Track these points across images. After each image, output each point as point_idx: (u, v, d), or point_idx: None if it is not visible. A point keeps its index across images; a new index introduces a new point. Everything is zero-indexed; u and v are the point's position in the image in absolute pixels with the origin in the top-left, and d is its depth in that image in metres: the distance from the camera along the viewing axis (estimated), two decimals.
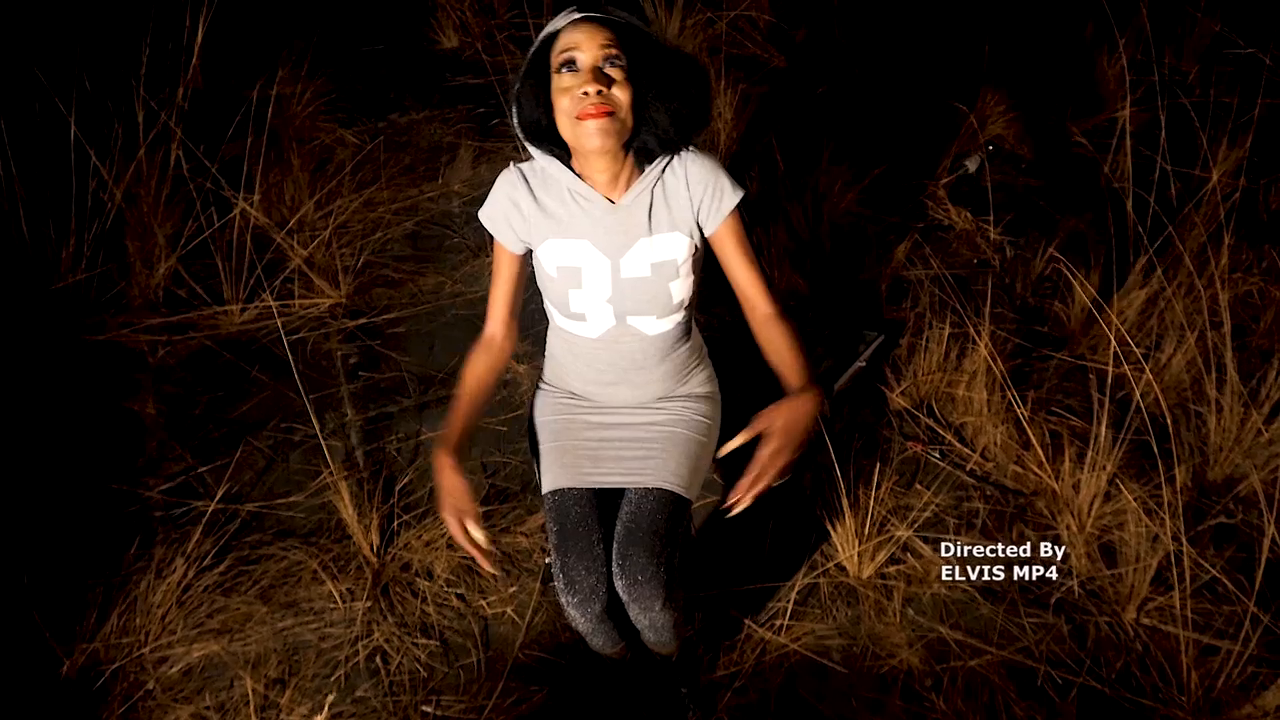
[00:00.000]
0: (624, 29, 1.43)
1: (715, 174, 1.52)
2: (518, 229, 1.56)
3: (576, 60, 1.40)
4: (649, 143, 1.48)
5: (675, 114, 1.45)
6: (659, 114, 1.45)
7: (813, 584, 2.09)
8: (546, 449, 1.69)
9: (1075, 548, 2.14)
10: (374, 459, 2.37)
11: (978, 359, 2.40)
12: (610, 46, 1.40)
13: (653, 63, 1.43)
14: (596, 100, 1.38)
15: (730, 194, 1.53)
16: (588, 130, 1.39)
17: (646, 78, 1.43)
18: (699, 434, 1.70)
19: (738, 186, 1.54)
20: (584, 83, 1.38)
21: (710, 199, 1.52)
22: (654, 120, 1.45)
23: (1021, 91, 3.45)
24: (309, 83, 3.45)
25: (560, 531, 1.56)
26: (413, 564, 2.11)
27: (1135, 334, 2.60)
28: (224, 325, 2.71)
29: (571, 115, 1.40)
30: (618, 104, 1.40)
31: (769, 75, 3.66)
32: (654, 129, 1.46)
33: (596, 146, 1.40)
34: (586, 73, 1.39)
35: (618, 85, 1.40)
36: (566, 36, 1.42)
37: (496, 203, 1.56)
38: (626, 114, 1.41)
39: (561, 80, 1.41)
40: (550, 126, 1.47)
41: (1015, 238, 3.00)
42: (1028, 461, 2.30)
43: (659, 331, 1.61)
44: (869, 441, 2.39)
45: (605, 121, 1.38)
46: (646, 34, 1.45)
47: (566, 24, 1.43)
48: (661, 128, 1.46)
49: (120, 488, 2.27)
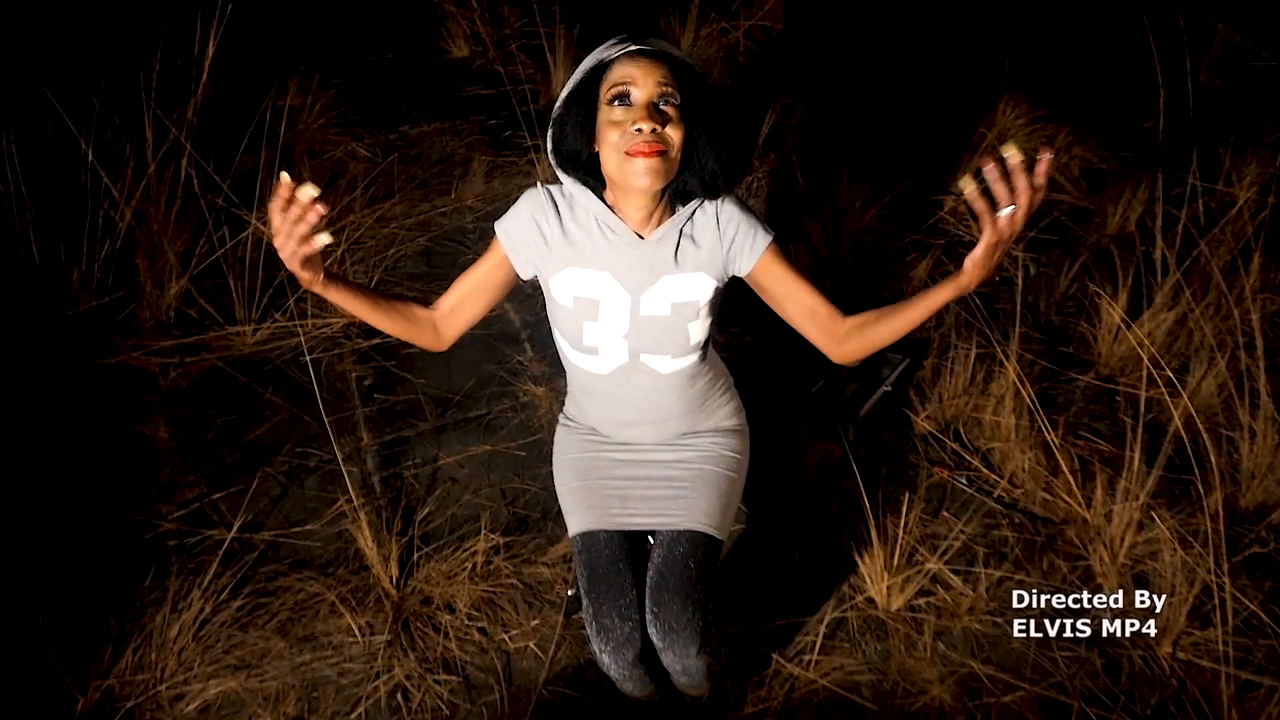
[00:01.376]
0: (679, 67, 1.38)
1: (746, 215, 1.48)
2: (534, 254, 1.50)
3: (631, 94, 1.35)
4: (690, 185, 1.43)
5: (724, 160, 1.41)
6: (707, 158, 1.40)
7: (841, 617, 2.05)
8: (573, 488, 1.65)
9: (1108, 579, 2.10)
10: (391, 486, 2.33)
11: (1005, 383, 2.36)
12: (666, 84, 1.35)
13: (705, 105, 1.38)
14: (650, 138, 1.33)
15: (763, 233, 1.48)
16: (636, 169, 1.34)
17: (700, 118, 1.38)
18: (729, 470, 1.66)
19: (769, 228, 1.50)
20: (638, 119, 1.33)
21: (743, 238, 1.47)
22: (700, 164, 1.41)
23: (1042, 103, 3.40)
24: (320, 94, 3.42)
25: (591, 577, 1.52)
26: (434, 597, 2.07)
27: (1164, 355, 2.56)
28: (236, 346, 2.66)
29: (620, 150, 1.35)
30: (670, 143, 1.35)
31: (785, 87, 3.61)
32: (699, 172, 1.42)
33: (644, 186, 1.35)
34: (641, 108, 1.34)
35: (672, 124, 1.35)
36: (621, 68, 1.36)
37: (518, 220, 1.49)
38: (677, 154, 1.36)
39: (613, 113, 1.36)
40: (591, 157, 1.43)
41: (1038, 255, 2.95)
42: (1057, 489, 2.26)
43: (672, 370, 1.57)
44: (895, 467, 2.35)
45: (656, 161, 1.33)
46: (701, 75, 1.40)
47: (621, 54, 1.38)
48: (708, 172, 1.41)
49: (134, 517, 2.23)
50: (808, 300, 1.50)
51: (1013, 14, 3.93)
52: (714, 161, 1.40)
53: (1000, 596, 2.09)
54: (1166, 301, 2.54)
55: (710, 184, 1.43)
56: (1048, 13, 4.03)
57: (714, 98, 1.40)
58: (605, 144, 1.37)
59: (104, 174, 2.66)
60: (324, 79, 3.48)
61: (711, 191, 1.44)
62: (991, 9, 3.99)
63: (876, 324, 1.44)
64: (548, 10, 3.68)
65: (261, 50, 3.61)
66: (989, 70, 3.53)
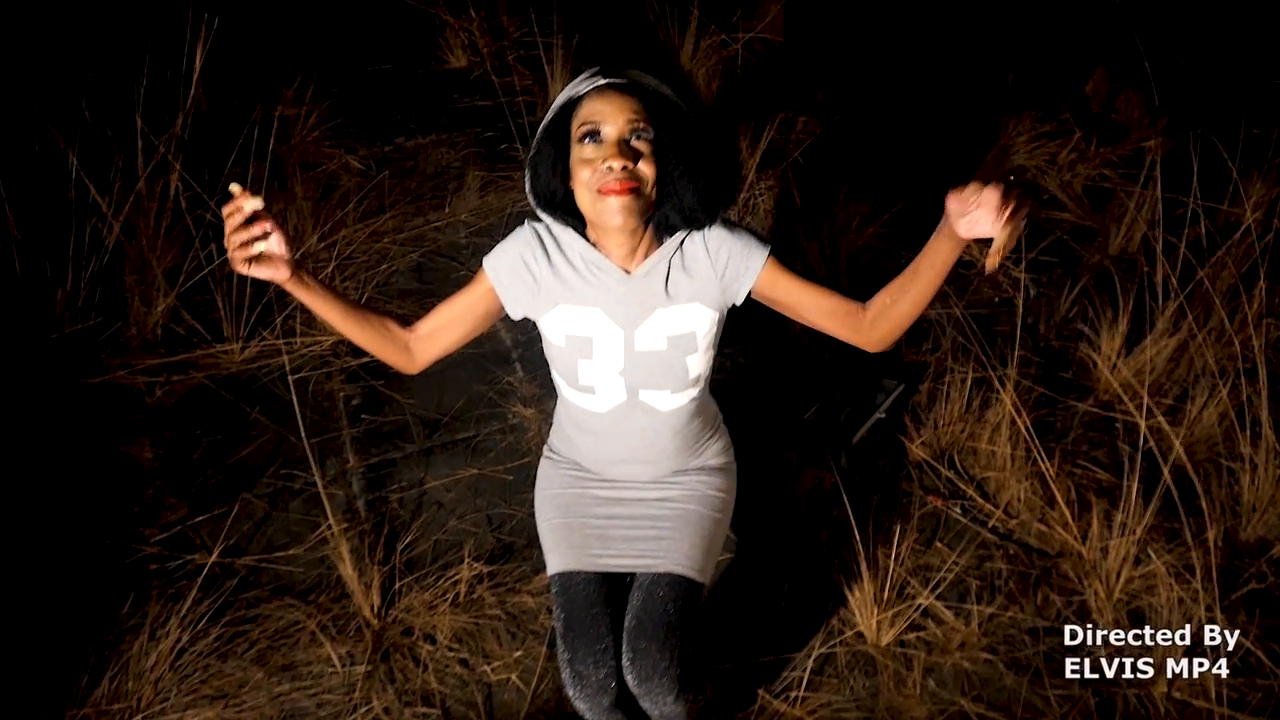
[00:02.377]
0: (652, 98, 1.34)
1: (736, 236, 1.44)
2: (523, 292, 1.47)
3: (601, 131, 1.32)
4: (671, 218, 1.40)
5: (702, 191, 1.37)
6: (685, 190, 1.36)
7: (829, 652, 2.01)
8: (554, 525, 1.62)
9: (1103, 615, 2.05)
10: (375, 510, 2.30)
11: (1001, 411, 2.32)
12: (637, 119, 1.31)
13: (681, 135, 1.35)
14: (621, 175, 1.29)
15: (757, 249, 1.43)
16: (609, 207, 1.31)
17: (674, 150, 1.35)
18: (714, 510, 1.62)
19: (763, 241, 1.45)
20: (608, 156, 1.30)
21: (738, 262, 1.43)
22: (679, 195, 1.37)
23: (1046, 119, 3.36)
24: (314, 105, 3.39)
25: (567, 621, 1.48)
26: (415, 628, 2.04)
27: (1165, 382, 2.51)
28: (224, 364, 2.64)
29: (592, 189, 1.32)
30: (643, 179, 1.32)
31: (785, 100, 3.57)
32: (678, 204, 1.38)
33: (618, 224, 1.32)
34: (611, 146, 1.31)
35: (644, 160, 1.32)
36: (590, 105, 1.33)
37: (506, 259, 1.46)
38: (651, 190, 1.33)
39: (583, 151, 1.33)
40: (568, 195, 1.39)
41: (1039, 275, 2.91)
42: (1052, 520, 2.21)
43: (672, 407, 1.53)
44: (887, 495, 2.31)
45: (628, 199, 1.30)
46: (676, 104, 1.37)
47: (590, 89, 1.35)
48: (687, 204, 1.38)
49: (115, 541, 2.20)
50: (822, 302, 1.45)
51: (1017, 29, 3.88)
52: (692, 194, 1.37)
53: (993, 632, 2.05)
54: (1168, 327, 2.50)
55: (690, 216, 1.39)
56: (1052, 28, 3.98)
57: (690, 128, 1.36)
58: (578, 182, 1.34)
59: (92, 188, 2.64)
60: (321, 88, 3.45)
61: (693, 223, 1.40)
62: (996, 24, 3.94)
63: (896, 304, 1.39)
64: (546, 20, 3.64)
65: (258, 58, 3.59)
66: (992, 86, 3.48)
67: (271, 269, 1.30)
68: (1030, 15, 4.04)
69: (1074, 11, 4.05)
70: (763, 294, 1.47)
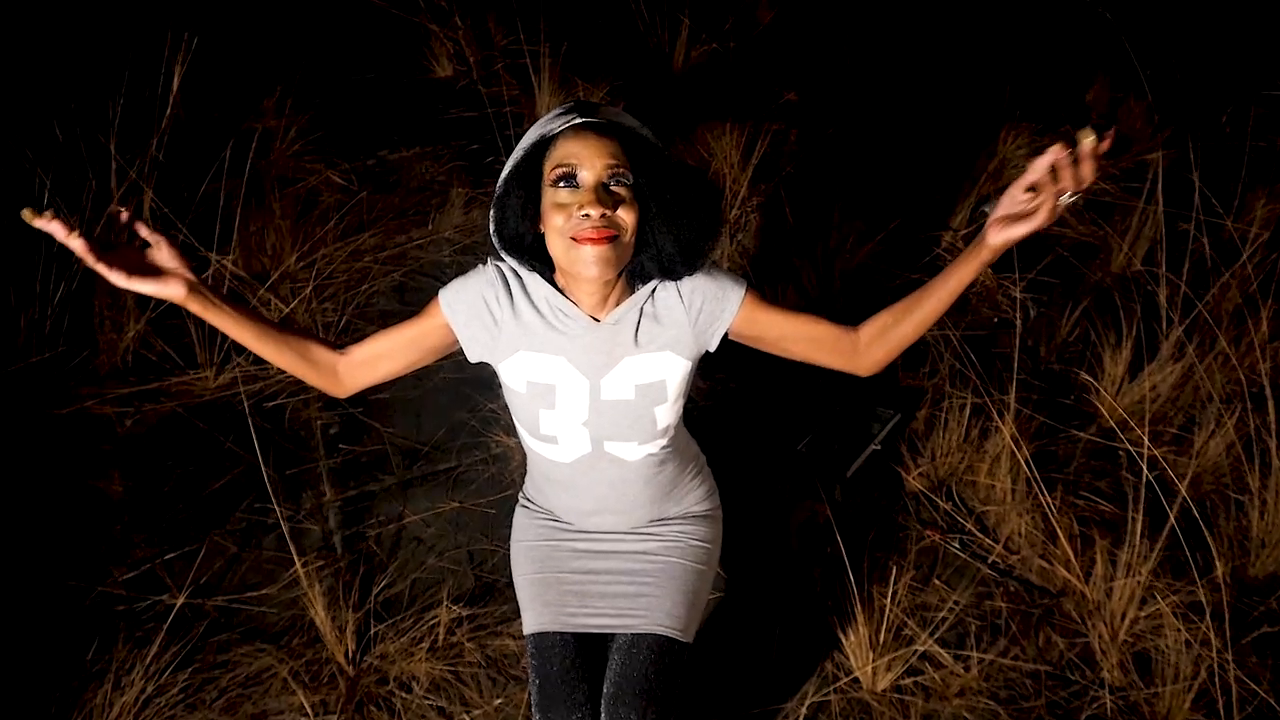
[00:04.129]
0: (631, 140, 1.25)
1: (710, 278, 1.35)
2: (480, 334, 1.37)
3: (578, 175, 1.22)
4: (647, 267, 1.31)
5: (683, 242, 1.27)
6: (664, 239, 1.27)
7: (823, 700, 1.92)
8: (530, 579, 1.53)
9: (1108, 658, 1.97)
10: (352, 547, 2.21)
11: (1000, 441, 2.24)
12: (617, 163, 1.22)
13: (661, 180, 1.25)
14: (599, 223, 1.20)
15: (733, 289, 1.35)
16: (584, 256, 1.21)
17: (654, 197, 1.25)
18: (697, 562, 1.54)
19: (738, 279, 1.36)
20: (586, 203, 1.20)
21: (712, 306, 1.35)
22: (657, 245, 1.28)
23: (1044, 132, 3.27)
24: (294, 117, 3.29)
25: (541, 687, 1.40)
26: (390, 675, 1.95)
27: (1169, 409, 2.43)
28: (197, 390, 2.55)
29: (566, 236, 1.22)
30: (622, 227, 1.22)
31: (778, 111, 3.48)
32: (656, 254, 1.29)
33: (594, 275, 1.22)
34: (589, 191, 1.21)
35: (624, 206, 1.22)
36: (565, 146, 1.23)
37: (465, 296, 1.36)
38: (630, 238, 1.24)
39: (557, 195, 1.23)
40: (536, 241, 1.31)
41: (1039, 295, 2.82)
42: (1054, 556, 2.13)
43: (639, 458, 1.44)
44: (883, 529, 2.22)
45: (606, 249, 1.20)
46: (656, 147, 1.28)
47: (564, 129, 1.25)
48: (666, 255, 1.28)
49: (80, 582, 2.11)
50: (806, 331, 1.38)
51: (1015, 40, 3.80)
52: (672, 244, 1.28)
53: (994, 676, 1.97)
54: (1172, 351, 2.42)
55: (668, 267, 1.30)
56: (1050, 38, 3.89)
57: (672, 173, 1.27)
58: (550, 228, 1.24)
59: (62, 208, 2.54)
60: (303, 100, 3.36)
61: (670, 274, 1.32)
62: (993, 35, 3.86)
63: (898, 325, 1.33)
64: (534, 29, 3.55)
65: (238, 70, 3.50)
66: (990, 97, 3.40)
67: (158, 284, 1.19)
68: (1028, 26, 3.96)
69: (1072, 22, 3.96)
70: (741, 334, 1.39)
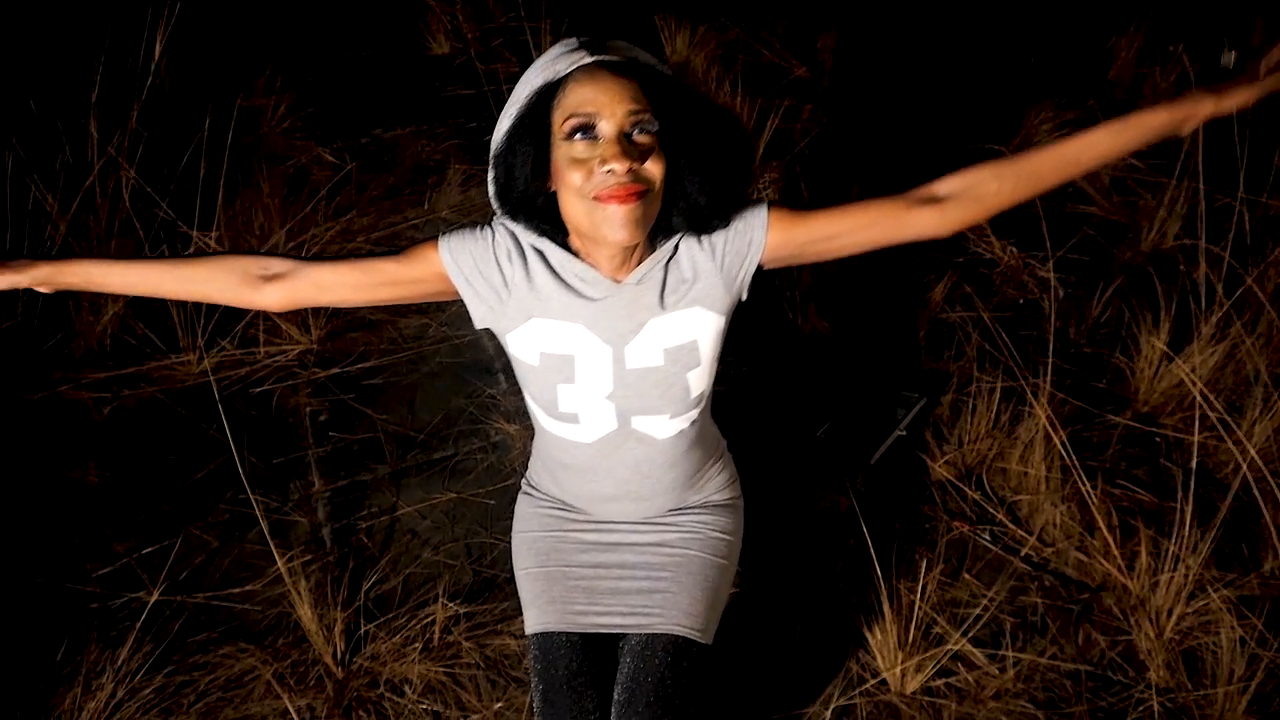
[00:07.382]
0: (651, 79, 1.09)
1: None
2: (488, 296, 1.20)
3: (596, 125, 1.06)
4: (676, 223, 1.16)
5: (716, 192, 1.12)
6: (694, 190, 1.11)
7: (849, 704, 1.79)
8: (532, 574, 1.39)
9: (1154, 657, 1.83)
10: (342, 541, 2.08)
11: (1034, 426, 2.10)
12: (640, 108, 1.05)
13: (689, 124, 1.09)
14: (625, 179, 1.04)
15: (754, 213, 1.17)
16: (610, 218, 1.05)
17: (682, 144, 1.09)
18: (718, 555, 1.39)
19: (755, 202, 1.19)
20: (609, 157, 1.04)
21: (735, 239, 1.17)
22: (687, 196, 1.12)
23: (1069, 106, 3.13)
24: (285, 94, 3.16)
25: (545, 693, 1.26)
26: (381, 677, 1.81)
27: (1211, 391, 2.29)
28: (179, 375, 2.41)
29: (587, 196, 1.06)
30: (651, 180, 1.07)
31: (789, 87, 3.34)
32: (686, 208, 1.13)
33: (622, 239, 1.07)
34: (611, 143, 1.04)
35: (651, 158, 1.06)
36: (579, 90, 1.06)
37: (473, 249, 1.18)
38: (659, 192, 1.08)
39: (573, 149, 1.06)
40: (547, 202, 1.16)
41: (1067, 275, 2.68)
42: (1093, 548, 1.99)
43: (670, 434, 1.29)
44: (909, 520, 2.08)
45: (635, 206, 1.05)
46: (679, 84, 1.11)
47: (573, 70, 1.08)
48: (696, 207, 1.13)
49: (50, 580, 1.98)
50: (856, 221, 1.17)
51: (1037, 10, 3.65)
52: (702, 194, 1.13)
53: (1030, 677, 1.83)
54: (1213, 331, 2.27)
55: (700, 221, 1.15)
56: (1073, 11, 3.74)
57: (700, 113, 1.12)
58: (565, 187, 1.08)
59: (38, 183, 2.41)
60: (293, 76, 3.23)
61: (701, 228, 1.16)
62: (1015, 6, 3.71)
63: (1027, 179, 1.20)
64: (534, 4, 3.41)
65: (226, 44, 3.36)
66: (1012, 71, 3.26)
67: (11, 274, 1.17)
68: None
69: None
70: (779, 257, 1.20)
